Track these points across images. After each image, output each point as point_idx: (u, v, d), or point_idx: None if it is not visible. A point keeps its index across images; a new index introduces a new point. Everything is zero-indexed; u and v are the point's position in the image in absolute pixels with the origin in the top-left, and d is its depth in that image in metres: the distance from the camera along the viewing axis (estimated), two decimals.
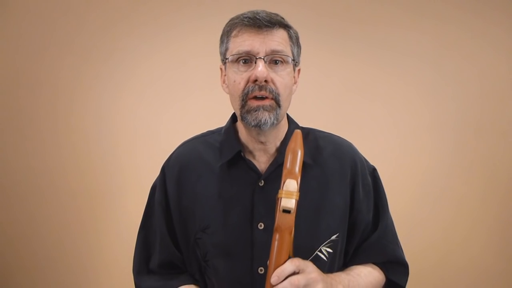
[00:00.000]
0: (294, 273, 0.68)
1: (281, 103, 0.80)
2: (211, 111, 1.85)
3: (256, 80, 0.77)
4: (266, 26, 0.77)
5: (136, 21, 2.05)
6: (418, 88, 2.11)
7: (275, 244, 0.69)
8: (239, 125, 0.88)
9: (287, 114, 0.91)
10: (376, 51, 2.10)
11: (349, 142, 0.94)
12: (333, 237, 0.75)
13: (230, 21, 0.83)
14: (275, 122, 0.80)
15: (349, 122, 2.09)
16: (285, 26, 0.82)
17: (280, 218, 0.68)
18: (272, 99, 0.78)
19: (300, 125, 0.93)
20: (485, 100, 2.11)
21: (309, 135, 0.91)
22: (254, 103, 0.78)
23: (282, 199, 0.68)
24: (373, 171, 0.94)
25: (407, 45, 2.11)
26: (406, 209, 2.06)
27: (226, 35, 0.83)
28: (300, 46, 0.87)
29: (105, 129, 2.04)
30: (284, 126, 0.88)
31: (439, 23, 2.11)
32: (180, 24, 2.06)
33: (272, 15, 0.80)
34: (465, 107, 2.11)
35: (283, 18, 0.82)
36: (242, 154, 0.86)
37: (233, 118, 0.92)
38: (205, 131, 0.97)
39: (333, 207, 0.85)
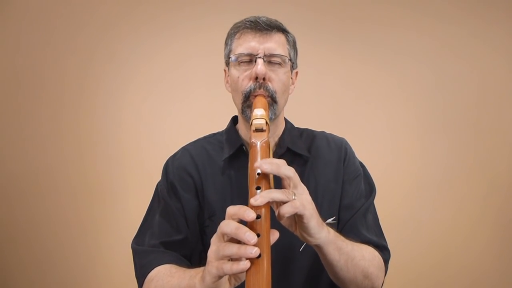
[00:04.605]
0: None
1: (277, 99, 0.87)
2: (214, 110, 1.85)
3: (256, 78, 0.84)
4: (266, 29, 0.86)
5: (139, 19, 2.05)
6: (417, 88, 2.11)
7: (252, 153, 0.69)
8: (240, 125, 0.97)
9: (284, 117, 0.99)
10: (375, 51, 2.10)
11: (342, 137, 1.02)
12: (330, 220, 0.77)
13: (234, 25, 0.92)
14: (272, 116, 0.87)
15: (348, 122, 2.09)
16: (283, 31, 0.90)
17: (254, 135, 0.72)
18: (268, 96, 0.85)
19: (296, 126, 1.02)
20: (484, 100, 2.11)
21: (304, 133, 1.00)
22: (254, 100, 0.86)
23: (253, 121, 0.74)
24: (361, 163, 1.00)
25: (406, 45, 2.11)
26: (406, 210, 2.06)
27: (230, 38, 0.91)
28: (297, 50, 0.94)
29: (108, 128, 2.04)
30: (281, 124, 0.97)
31: (438, 23, 2.11)
32: (183, 23, 2.07)
33: (272, 20, 0.89)
34: (464, 107, 2.10)
35: (281, 24, 0.91)
36: (244, 147, 0.92)
37: (233, 121, 1.00)
38: (206, 132, 1.04)
39: (329, 193, 0.91)
